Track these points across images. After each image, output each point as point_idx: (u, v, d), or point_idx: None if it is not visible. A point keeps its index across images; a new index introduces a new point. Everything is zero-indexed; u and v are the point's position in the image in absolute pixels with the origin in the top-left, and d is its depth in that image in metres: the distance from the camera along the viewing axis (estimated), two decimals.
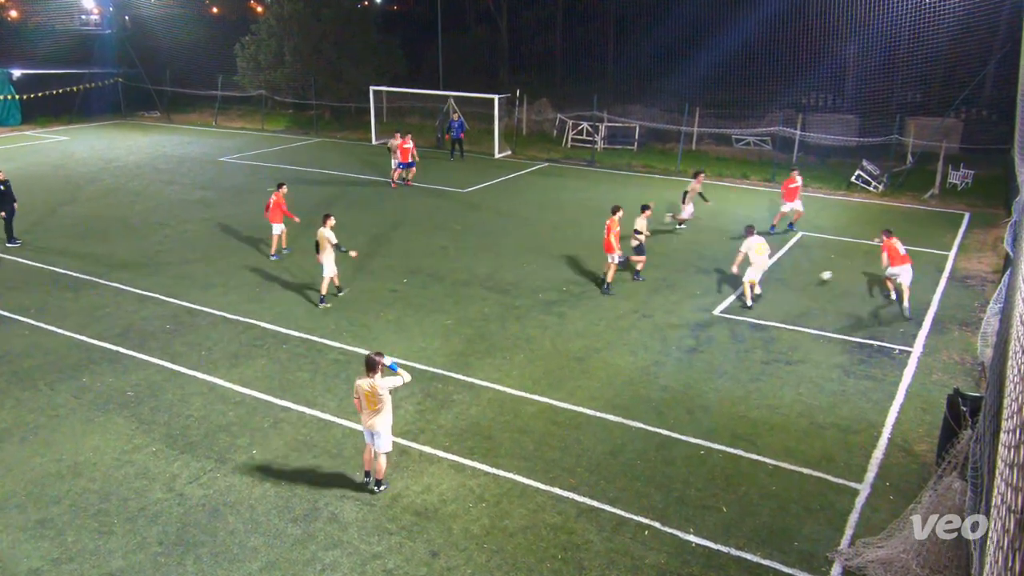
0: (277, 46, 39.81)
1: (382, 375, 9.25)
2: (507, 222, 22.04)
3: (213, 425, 11.18)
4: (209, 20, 52.86)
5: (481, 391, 12.21)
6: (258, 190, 25.61)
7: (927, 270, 18.12)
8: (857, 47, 32.44)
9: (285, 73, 39.78)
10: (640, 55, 44.81)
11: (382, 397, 9.23)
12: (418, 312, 15.33)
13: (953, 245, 20.28)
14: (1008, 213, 20.02)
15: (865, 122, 30.13)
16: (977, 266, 18.55)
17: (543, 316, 15.20)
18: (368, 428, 9.46)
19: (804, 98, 36.01)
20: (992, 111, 31.50)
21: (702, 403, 11.92)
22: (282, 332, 14.31)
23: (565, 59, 53.60)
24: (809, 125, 31.05)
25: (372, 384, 9.20)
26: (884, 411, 11.73)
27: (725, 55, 35.49)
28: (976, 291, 16.88)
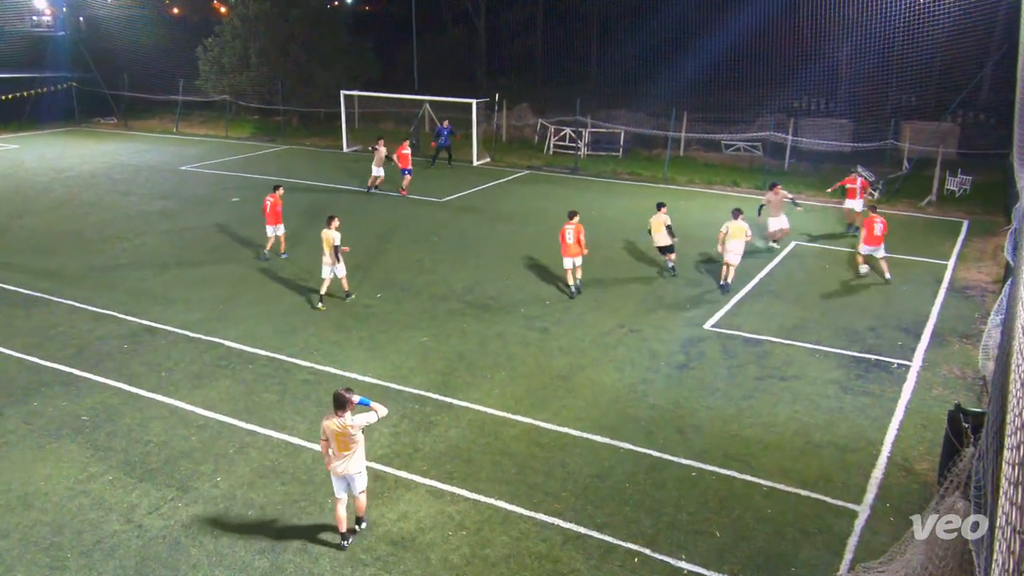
0: (242, 48, 39.73)
1: (352, 413, 8.85)
2: (486, 233, 22.06)
3: (174, 451, 11.06)
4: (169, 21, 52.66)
5: (460, 412, 12.17)
6: (221, 200, 25.49)
7: (925, 280, 18.33)
8: (850, 48, 32.88)
9: (250, 77, 39.68)
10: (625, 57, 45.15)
11: (355, 438, 8.80)
12: (393, 329, 15.29)
13: (952, 254, 20.54)
14: (1008, 220, 20.33)
15: (859, 126, 30.49)
16: (977, 276, 18.79)
17: (525, 332, 15.20)
18: (341, 475, 8.96)
19: (796, 102, 36.42)
20: (990, 115, 32.01)
21: (693, 422, 11.95)
22: (248, 351, 14.21)
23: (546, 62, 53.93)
24: (801, 130, 31.38)
25: (343, 424, 8.73)
26: (883, 428, 11.82)
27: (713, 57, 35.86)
28: (976, 302, 17.09)
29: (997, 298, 14.77)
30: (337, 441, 8.81)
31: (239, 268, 18.84)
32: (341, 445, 8.82)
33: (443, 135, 31.14)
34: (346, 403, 8.76)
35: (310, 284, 17.62)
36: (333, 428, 8.78)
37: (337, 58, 41.11)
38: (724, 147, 33.55)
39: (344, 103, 35.54)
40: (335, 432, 8.78)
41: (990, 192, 26.43)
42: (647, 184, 29.19)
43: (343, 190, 27.09)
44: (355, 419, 8.82)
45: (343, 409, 8.76)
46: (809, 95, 36.96)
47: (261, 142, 37.77)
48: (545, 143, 35.32)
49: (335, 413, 8.80)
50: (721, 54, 35.84)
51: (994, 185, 26.88)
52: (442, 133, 31.21)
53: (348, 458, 8.88)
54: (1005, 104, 25.41)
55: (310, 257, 19.61)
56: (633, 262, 19.55)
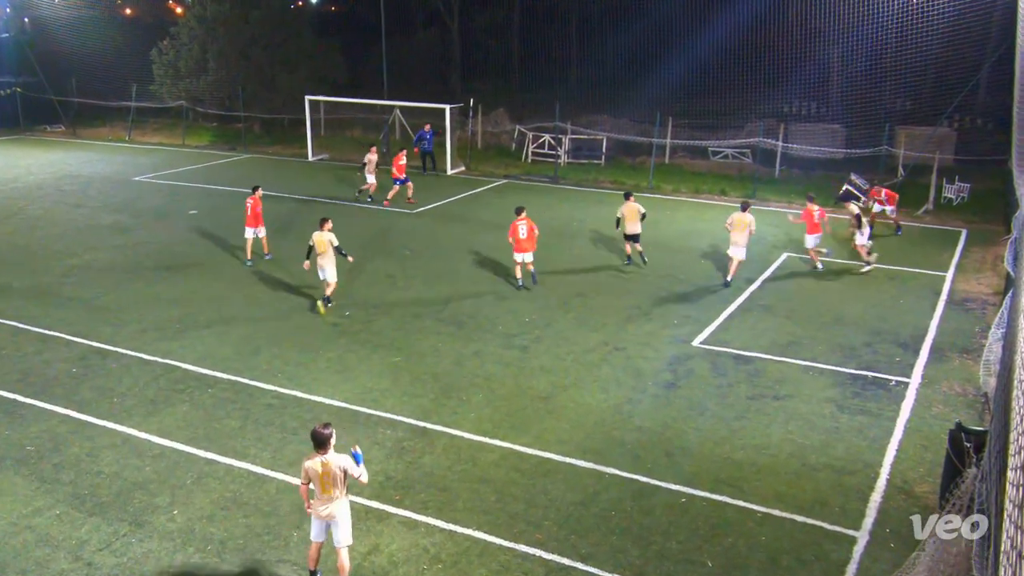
0: (199, 51, 39.60)
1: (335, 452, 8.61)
2: (462, 246, 22.07)
3: (127, 482, 10.93)
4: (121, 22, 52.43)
5: (435, 437, 12.13)
6: (178, 213, 25.34)
7: (923, 293, 18.54)
8: (841, 51, 33.33)
9: (208, 81, 39.54)
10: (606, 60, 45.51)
11: (340, 478, 8.57)
12: (363, 349, 15.23)
13: (950, 265, 20.81)
14: (1007, 229, 20.61)
15: (852, 132, 30.87)
16: (977, 288, 19.04)
17: (503, 351, 15.20)
18: (323, 519, 8.72)
19: (786, 106, 36.83)
20: (987, 119, 32.49)
21: (682, 445, 11.98)
22: (207, 374, 14.10)
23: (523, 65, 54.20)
24: (792, 136, 31.72)
25: (326, 463, 8.50)
26: (881, 449, 11.91)
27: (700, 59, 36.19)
28: (976, 315, 17.30)
29: (998, 311, 14.96)
30: (321, 482, 8.58)
31: (197, 285, 18.71)
32: (325, 486, 8.59)
33: (427, 140, 31.17)
34: (327, 440, 8.51)
35: (272, 301, 17.53)
36: (316, 469, 8.54)
37: (301, 61, 41.06)
38: (711, 154, 33.85)
39: (309, 109, 35.48)
40: (319, 474, 8.55)
41: (989, 200, 26.83)
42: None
43: (309, 200, 27.00)
44: (340, 459, 8.57)
45: (324, 448, 8.52)
46: (800, 99, 37.42)
47: (220, 151, 37.61)
48: (523, 151, 35.45)
49: (316, 452, 8.56)
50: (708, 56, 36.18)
51: (993, 193, 27.28)
52: (425, 138, 31.23)
53: (333, 500, 8.64)
54: (1003, 108, 25.78)
55: (274, 273, 19.53)
56: (617, 276, 19.62)
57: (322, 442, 8.52)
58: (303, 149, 36.09)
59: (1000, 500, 5.75)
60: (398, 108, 37.36)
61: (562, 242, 22.49)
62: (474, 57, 54.98)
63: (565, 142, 34.24)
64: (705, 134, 34.01)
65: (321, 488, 8.59)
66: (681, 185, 30.06)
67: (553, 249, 21.66)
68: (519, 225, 18.21)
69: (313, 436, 8.58)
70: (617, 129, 34.98)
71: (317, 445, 8.54)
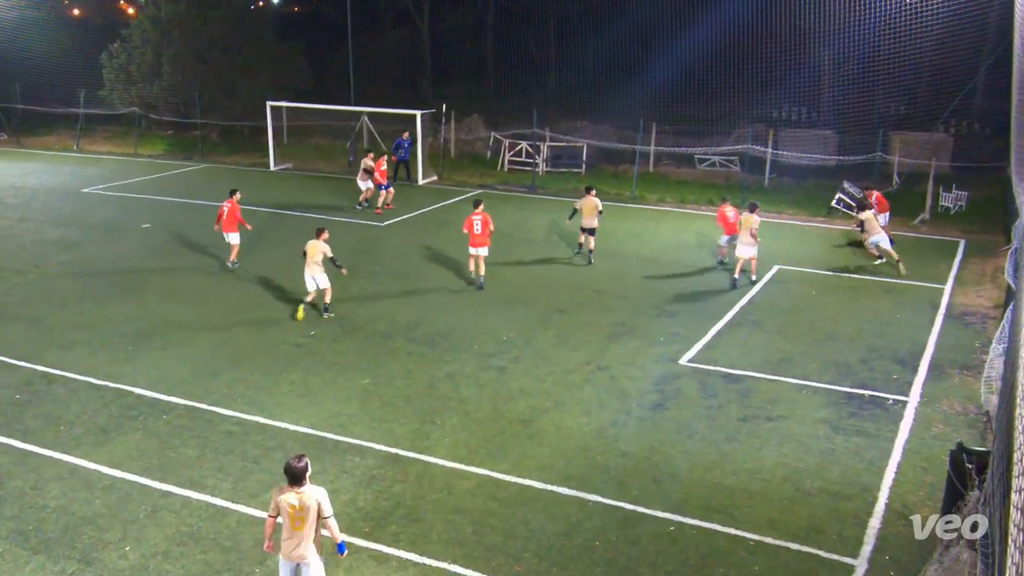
0: (153, 55, 39.45)
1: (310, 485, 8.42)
2: (434, 261, 22.06)
3: (75, 517, 10.79)
4: (69, 24, 52.13)
5: (407, 464, 12.08)
6: (130, 227, 25.17)
7: (921, 307, 18.73)
8: (833, 53, 33.73)
9: (163, 87, 39.40)
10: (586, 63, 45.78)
11: (314, 513, 8.34)
12: (329, 371, 15.16)
13: (949, 277, 21.04)
14: (1007, 239, 20.88)
15: (844, 138, 31.20)
16: (976, 300, 19.26)
17: (479, 372, 15.18)
18: (293, 559, 8.44)
19: (775, 111, 37.19)
20: (985, 124, 32.94)
21: (670, 470, 12.00)
22: (162, 399, 13.97)
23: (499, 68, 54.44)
24: (782, 142, 32.01)
25: (301, 498, 8.30)
26: (879, 472, 11.99)
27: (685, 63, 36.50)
28: (977, 330, 17.49)
29: (999, 324, 15.12)
30: (292, 518, 8.35)
31: (151, 304, 18.56)
32: (296, 522, 8.36)
33: (404, 148, 31.22)
34: (302, 475, 8.30)
35: (232, 321, 17.44)
36: (290, 503, 8.31)
37: (262, 65, 41.01)
38: (697, 162, 34.07)
39: (270, 115, 35.40)
40: (291, 507, 8.32)
41: (988, 208, 27.16)
42: (613, 203, 29.43)
43: (269, 213, 26.91)
44: (316, 492, 8.38)
45: (299, 482, 8.30)
46: (790, 104, 37.80)
47: (176, 160, 37.43)
48: (499, 159, 35.54)
49: (290, 486, 8.32)
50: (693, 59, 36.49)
51: (991, 201, 27.62)
52: (402, 146, 31.27)
53: (303, 539, 8.38)
54: (1001, 113, 26.15)
55: (234, 290, 19.42)
56: (600, 292, 19.67)
57: (298, 476, 8.29)
58: (264, 158, 35.97)
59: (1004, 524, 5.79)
60: (365, 114, 37.36)
61: (540, 254, 22.53)
62: (446, 60, 55.15)
63: (543, 150, 34.35)
64: (691, 141, 34.25)
65: (292, 524, 8.36)
66: (666, 195, 30.24)
67: (532, 263, 21.70)
68: (474, 220, 19.43)
69: (287, 471, 8.33)
70: (598, 136, 35.15)
71: (292, 480, 8.30)
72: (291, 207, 27.81)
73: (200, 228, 24.96)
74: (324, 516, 8.40)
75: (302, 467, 8.31)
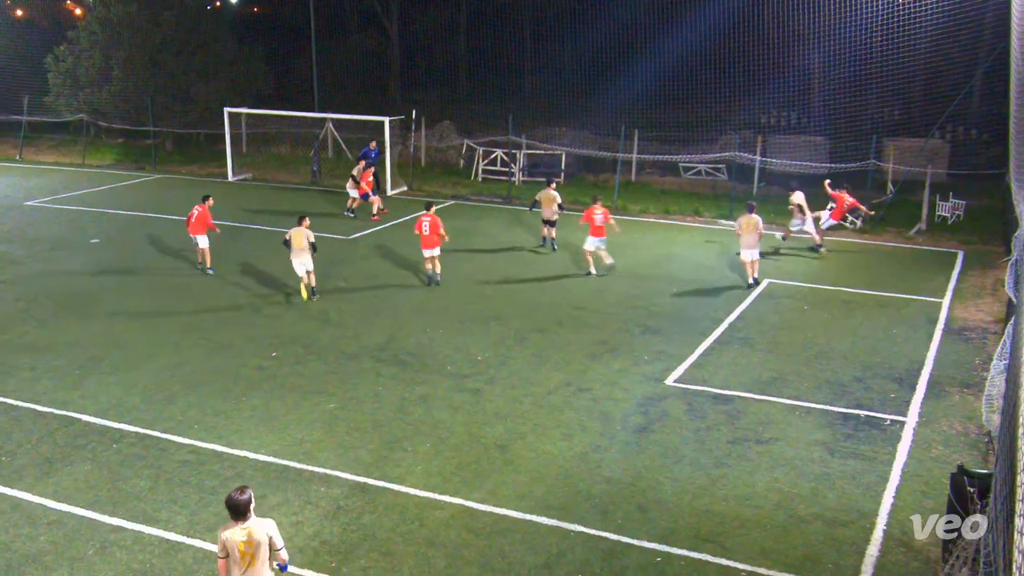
0: (102, 58, 39.24)
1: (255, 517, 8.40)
2: (404, 276, 22.03)
3: (18, 555, 10.65)
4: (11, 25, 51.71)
5: (376, 494, 12.02)
6: (78, 242, 24.98)
7: (918, 322, 18.89)
8: (823, 56, 34.07)
9: (113, 92, 39.18)
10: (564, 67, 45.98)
11: (263, 546, 8.30)
12: (292, 395, 15.08)
13: (947, 290, 21.24)
14: (1007, 251, 21.12)
15: (836, 145, 31.44)
16: (976, 315, 19.45)
17: (453, 394, 15.15)
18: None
19: (763, 117, 37.48)
20: (982, 130, 33.32)
21: (656, 497, 12.00)
22: (112, 427, 13.84)
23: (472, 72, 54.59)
24: (770, 149, 32.26)
25: (249, 531, 8.24)
26: (877, 497, 12.05)
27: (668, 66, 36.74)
28: (976, 345, 17.66)
29: (1000, 340, 15.28)
30: (243, 555, 8.27)
31: (100, 325, 18.41)
32: (246, 560, 8.28)
33: (371, 157, 31.21)
34: (247, 508, 8.25)
35: (188, 342, 17.32)
36: (237, 540, 8.23)
37: (220, 69, 40.89)
38: (682, 170, 34.26)
39: (229, 123, 35.32)
40: (240, 544, 8.24)
41: (986, 218, 27.49)
42: None
43: (228, 228, 26.79)
44: (264, 525, 8.36)
45: (244, 516, 8.25)
46: (779, 109, 38.13)
47: (127, 170, 37.22)
48: (472, 168, 35.60)
49: (234, 522, 8.27)
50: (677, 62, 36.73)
51: (990, 210, 27.98)
52: (369, 155, 31.27)
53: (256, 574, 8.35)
54: (999, 118, 26.51)
55: (188, 313, 19.30)
56: (580, 308, 19.71)
57: (242, 510, 8.24)
58: (222, 168, 35.85)
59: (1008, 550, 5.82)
60: (331, 121, 37.33)
61: (517, 270, 22.56)
62: (416, 64, 55.27)
63: (520, 158, 34.46)
64: (675, 148, 34.38)
65: (243, 562, 8.28)
66: (650, 205, 30.38)
67: (508, 278, 21.71)
68: (423, 221, 20.73)
69: (229, 505, 8.26)
70: (578, 143, 35.26)
71: (236, 514, 8.25)
72: (251, 220, 27.72)
73: (154, 243, 24.82)
74: (276, 548, 8.39)
75: (246, 500, 8.25)
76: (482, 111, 43.02)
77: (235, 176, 35.14)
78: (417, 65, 55.37)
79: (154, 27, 39.08)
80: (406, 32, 55.65)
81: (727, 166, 32.75)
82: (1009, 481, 6.57)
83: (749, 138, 32.46)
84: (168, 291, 20.56)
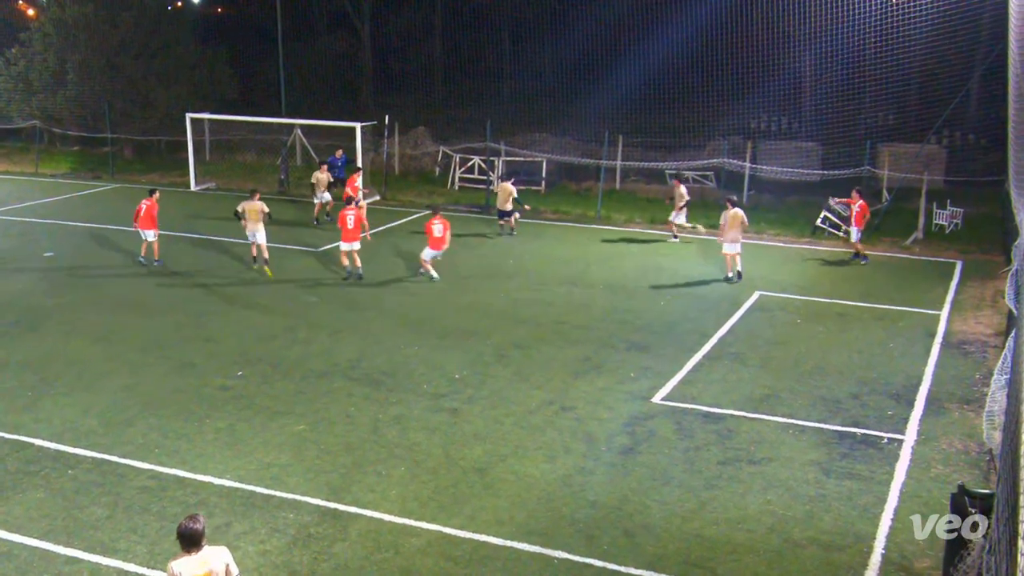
0: (56, 61, 39.10)
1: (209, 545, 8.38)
2: (378, 291, 21.99)
3: None
4: None
5: (348, 521, 11.96)
6: (30, 257, 24.82)
7: (916, 335, 19.02)
8: (814, 57, 34.33)
9: (68, 97, 39.04)
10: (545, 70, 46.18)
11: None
12: (259, 416, 15.00)
13: (945, 302, 21.39)
14: (1007, 260, 21.30)
15: (829, 151, 31.69)
16: (976, 327, 19.60)
17: (430, 414, 15.11)
18: None
19: (753, 122, 37.72)
20: (980, 135, 33.65)
21: (644, 521, 12.00)
22: (67, 452, 13.72)
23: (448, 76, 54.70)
24: (760, 155, 32.44)
25: (205, 562, 8.18)
26: (875, 519, 12.08)
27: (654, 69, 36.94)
28: (977, 359, 17.78)
29: (1000, 353, 15.38)
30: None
31: (55, 343, 18.27)
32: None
33: (337, 167, 31.20)
34: (199, 537, 8.18)
35: (148, 361, 17.21)
36: (193, 573, 8.13)
37: (181, 73, 40.82)
38: (669, 178, 34.36)
39: (191, 129, 35.19)
40: None
41: (985, 226, 27.73)
42: (577, 225, 29.66)
43: (189, 239, 26.69)
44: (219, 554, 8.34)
45: (197, 546, 8.18)
46: (769, 114, 38.39)
47: (83, 180, 37.02)
48: (449, 176, 35.61)
49: (185, 552, 8.18)
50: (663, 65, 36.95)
51: (989, 218, 28.22)
52: (336, 165, 31.26)
53: None
54: (997, 122, 26.74)
55: (148, 330, 19.19)
56: (563, 323, 19.72)
57: (195, 540, 8.16)
58: (184, 177, 35.70)
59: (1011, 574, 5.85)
60: (299, 127, 37.28)
61: (496, 283, 22.57)
62: (389, 67, 55.34)
63: (498, 166, 34.49)
64: (661, 155, 34.54)
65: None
66: (635, 214, 30.47)
67: (485, 292, 21.70)
68: (347, 215, 22.38)
69: (181, 535, 8.18)
70: (559, 150, 35.35)
71: (190, 543, 8.15)
72: (214, 232, 27.58)
73: (111, 256, 24.67)
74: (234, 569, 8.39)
75: (199, 529, 8.19)
76: (459, 116, 43.08)
77: (198, 185, 34.99)
78: (390, 68, 55.44)
79: (111, 28, 38.98)
80: (378, 34, 55.75)
81: (715, 173, 32.91)
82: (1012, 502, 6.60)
83: (738, 144, 32.62)
84: (126, 307, 20.41)
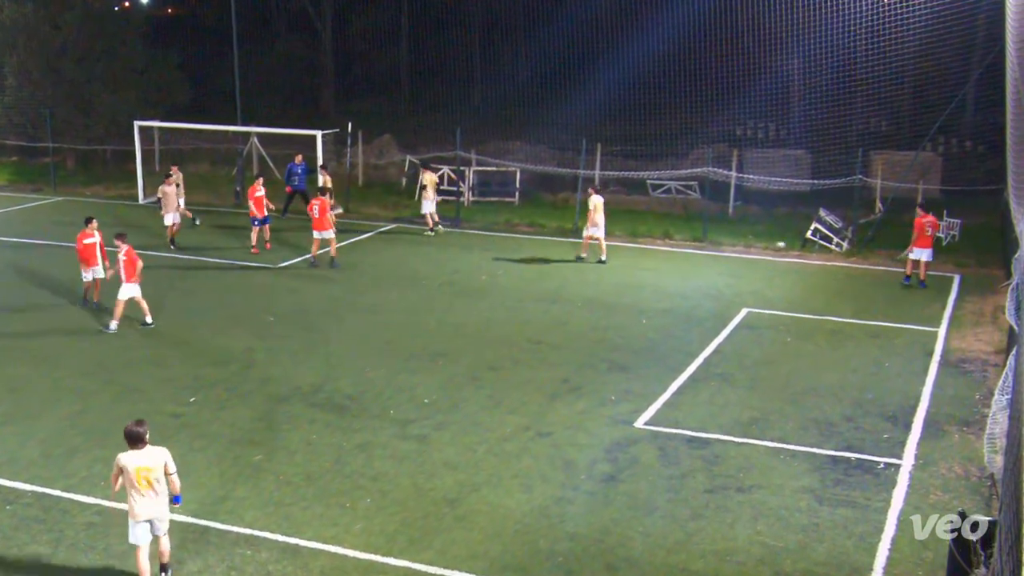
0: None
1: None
2: (340, 310, 21.94)
3: None
4: None
5: (309, 557, 11.90)
6: None
7: (913, 354, 19.15)
8: (803, 61, 34.62)
9: (5, 103, 38.80)
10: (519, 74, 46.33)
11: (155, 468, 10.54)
12: (213, 445, 14.90)
13: (943, 318, 21.56)
14: (1007, 274, 21.49)
15: (819, 159, 31.87)
16: (975, 345, 19.76)
17: (397, 442, 15.07)
18: (144, 519, 10.57)
19: (739, 128, 37.94)
20: (977, 142, 33.98)
21: (626, 554, 12.00)
22: (4, 486, 13.57)
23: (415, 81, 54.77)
24: (747, 164, 32.63)
25: (149, 455, 10.51)
26: (871, 549, 12.13)
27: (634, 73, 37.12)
28: (976, 379, 17.92)
29: (1001, 372, 15.50)
30: (138, 479, 10.42)
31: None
32: (143, 483, 10.46)
33: (298, 175, 31.07)
34: (142, 437, 10.49)
35: (93, 386, 17.09)
36: (138, 466, 10.42)
37: (128, 78, 40.66)
38: (651, 188, 34.51)
39: (139, 138, 35.02)
40: (138, 469, 10.40)
41: (984, 238, 27.96)
42: (552, 238, 29.72)
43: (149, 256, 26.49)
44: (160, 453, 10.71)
45: (140, 443, 10.46)
46: (755, 120, 38.62)
47: (21, 192, 36.79)
48: (416, 187, 35.59)
49: (131, 447, 10.46)
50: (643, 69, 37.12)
51: (988, 229, 28.46)
52: (295, 173, 31.14)
53: (156, 499, 10.57)
54: (995, 128, 27.01)
55: (92, 353, 19.06)
56: (539, 343, 19.73)
57: (140, 438, 10.47)
58: (132, 189, 35.49)
59: None
60: (255, 135, 37.19)
61: (467, 302, 22.56)
62: (352, 71, 55.36)
63: (469, 176, 34.53)
64: (643, 164, 34.72)
65: (142, 486, 10.43)
66: (615, 227, 30.46)
67: (456, 311, 21.69)
68: (314, 205, 25.27)
69: (128, 435, 10.48)
70: (534, 159, 35.43)
71: (134, 441, 10.47)
72: (163, 248, 27.42)
73: (52, 275, 24.45)
74: (170, 473, 10.75)
75: (142, 430, 10.55)
76: (427, 123, 43.16)
77: (146, 198, 34.73)
78: (353, 73, 55.50)
79: (53, 30, 38.81)
80: (341, 36, 55.74)
81: (700, 183, 33.04)
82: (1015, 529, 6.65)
83: (724, 152, 32.78)
84: (69, 329, 20.23)
